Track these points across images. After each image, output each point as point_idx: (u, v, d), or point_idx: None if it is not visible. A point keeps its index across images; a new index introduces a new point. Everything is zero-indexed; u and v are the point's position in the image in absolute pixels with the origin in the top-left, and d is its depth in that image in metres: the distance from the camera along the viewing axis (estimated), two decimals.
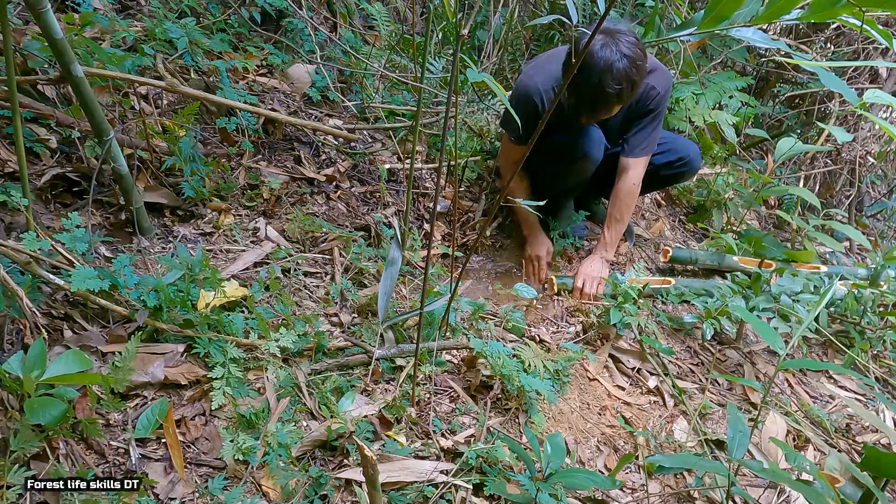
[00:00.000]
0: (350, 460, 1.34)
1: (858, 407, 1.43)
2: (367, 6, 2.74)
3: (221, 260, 1.78)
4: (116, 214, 1.72)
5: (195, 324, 1.46)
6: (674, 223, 2.94)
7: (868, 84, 3.31)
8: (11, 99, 1.33)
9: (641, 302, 2.07)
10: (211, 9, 2.37)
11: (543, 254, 2.21)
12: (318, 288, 1.83)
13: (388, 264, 1.47)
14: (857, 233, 2.60)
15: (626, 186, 2.15)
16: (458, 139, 2.50)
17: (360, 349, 1.58)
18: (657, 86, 2.01)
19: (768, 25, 3.23)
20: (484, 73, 1.03)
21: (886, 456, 1.10)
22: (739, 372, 2.08)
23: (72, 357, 1.14)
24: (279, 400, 1.42)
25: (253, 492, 1.26)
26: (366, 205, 2.22)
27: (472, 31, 2.98)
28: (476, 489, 1.34)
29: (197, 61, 2.11)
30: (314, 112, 2.40)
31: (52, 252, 1.43)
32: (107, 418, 1.28)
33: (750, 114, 3.14)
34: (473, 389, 1.64)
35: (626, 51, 1.73)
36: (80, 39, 1.74)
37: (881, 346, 2.30)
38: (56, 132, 1.75)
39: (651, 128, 2.09)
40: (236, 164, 2.05)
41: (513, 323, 1.89)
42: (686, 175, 2.34)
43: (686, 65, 2.97)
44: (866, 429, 1.99)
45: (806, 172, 3.40)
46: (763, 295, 2.09)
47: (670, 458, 1.26)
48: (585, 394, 1.79)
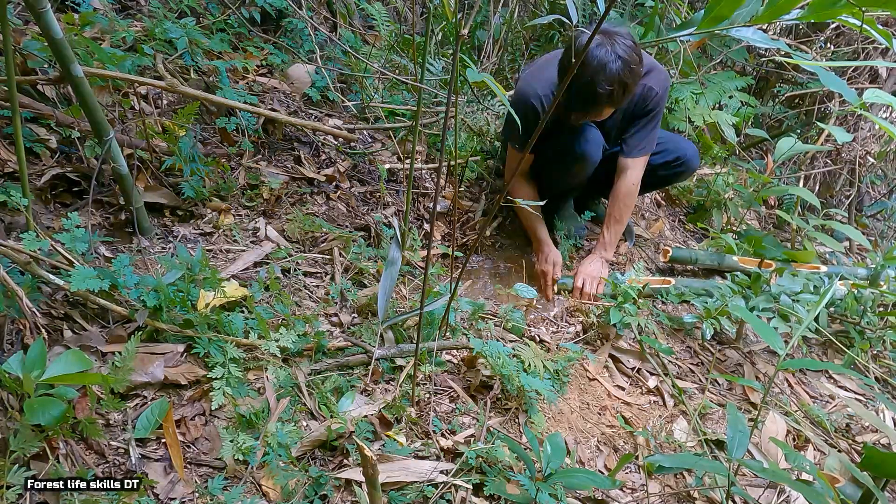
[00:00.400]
0: (350, 460, 1.34)
1: (858, 407, 1.43)
2: (367, 6, 2.74)
3: (221, 260, 1.78)
4: (116, 214, 1.72)
5: (195, 324, 1.46)
6: (674, 223, 2.94)
7: (868, 84, 3.30)
8: (11, 99, 1.33)
9: (641, 302, 2.07)
10: (211, 9, 2.37)
11: (551, 268, 2.18)
12: (318, 288, 1.83)
13: (388, 264, 1.47)
14: (857, 233, 2.60)
15: (625, 187, 2.15)
16: (458, 139, 2.51)
17: (360, 349, 1.58)
18: (655, 86, 2.01)
19: (768, 25, 3.23)
20: (484, 73, 1.03)
21: (886, 456, 1.10)
22: (739, 372, 2.08)
23: (72, 357, 1.14)
24: (279, 400, 1.42)
25: (253, 492, 1.25)
26: (366, 205, 2.22)
27: (472, 31, 2.98)
28: (476, 489, 1.34)
29: (197, 61, 2.11)
30: (314, 112, 2.40)
31: (52, 252, 1.43)
32: (107, 418, 1.28)
33: (750, 114, 3.14)
34: (473, 389, 1.64)
35: (622, 53, 1.72)
36: (80, 39, 1.74)
37: (881, 346, 2.30)
38: (56, 132, 1.75)
39: (649, 128, 2.09)
40: (236, 164, 2.05)
41: (513, 323, 1.89)
42: (684, 175, 2.34)
43: (686, 65, 2.97)
44: (866, 429, 1.99)
45: (806, 172, 3.40)
46: (763, 295, 2.09)
47: (670, 458, 1.26)
48: (585, 394, 1.79)
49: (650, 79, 2.00)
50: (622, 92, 1.77)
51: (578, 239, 2.37)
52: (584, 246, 2.39)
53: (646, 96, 2.02)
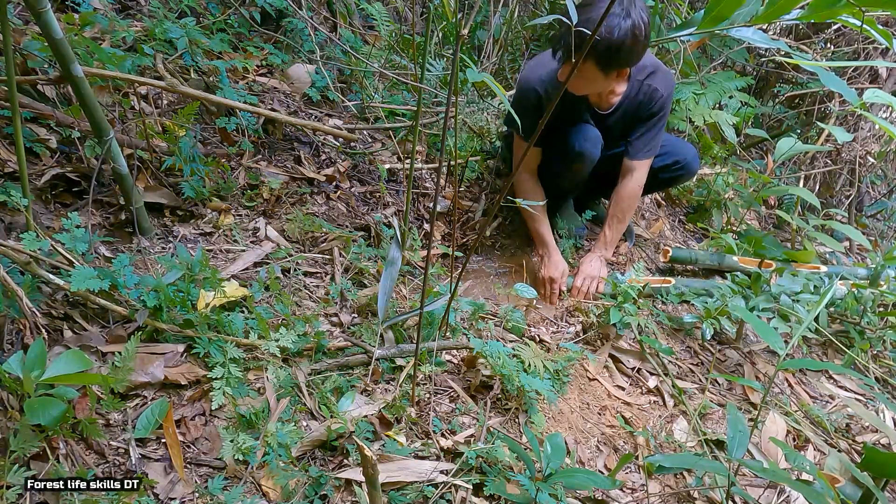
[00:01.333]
0: (350, 460, 1.34)
1: (858, 407, 1.43)
2: (367, 6, 2.74)
3: (221, 260, 1.78)
4: (116, 214, 1.72)
5: (195, 324, 1.46)
6: (674, 223, 2.94)
7: (868, 84, 3.31)
8: (11, 99, 1.33)
9: (641, 302, 2.07)
10: (211, 9, 2.37)
11: (558, 276, 2.14)
12: (318, 288, 1.83)
13: (388, 264, 1.48)
14: (857, 233, 2.60)
15: (629, 188, 2.15)
16: (458, 139, 2.51)
17: (360, 349, 1.58)
18: (660, 87, 2.00)
19: (768, 25, 3.23)
20: (484, 73, 1.03)
21: (886, 456, 1.10)
22: (739, 372, 2.08)
23: (72, 357, 1.14)
24: (279, 400, 1.42)
25: (253, 492, 1.26)
26: (366, 205, 2.22)
27: (472, 31, 2.98)
28: (476, 489, 1.35)
29: (197, 61, 2.11)
30: (314, 112, 2.40)
31: (52, 252, 1.43)
32: (107, 418, 1.28)
33: (750, 114, 3.14)
34: (473, 389, 1.64)
35: (634, 16, 1.64)
36: (80, 39, 1.74)
37: (881, 346, 2.30)
38: (56, 132, 1.75)
39: (655, 130, 2.08)
40: (236, 164, 2.05)
41: (513, 323, 1.89)
42: (683, 178, 2.33)
43: (686, 65, 2.97)
44: (866, 429, 1.99)
45: (806, 172, 3.40)
46: (763, 295, 2.09)
47: (670, 458, 1.26)
48: (585, 394, 1.79)
49: (656, 80, 2.00)
50: (617, 52, 1.68)
51: (578, 239, 2.37)
52: (583, 246, 2.39)
53: (651, 97, 2.01)
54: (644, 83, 2.00)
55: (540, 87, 1.95)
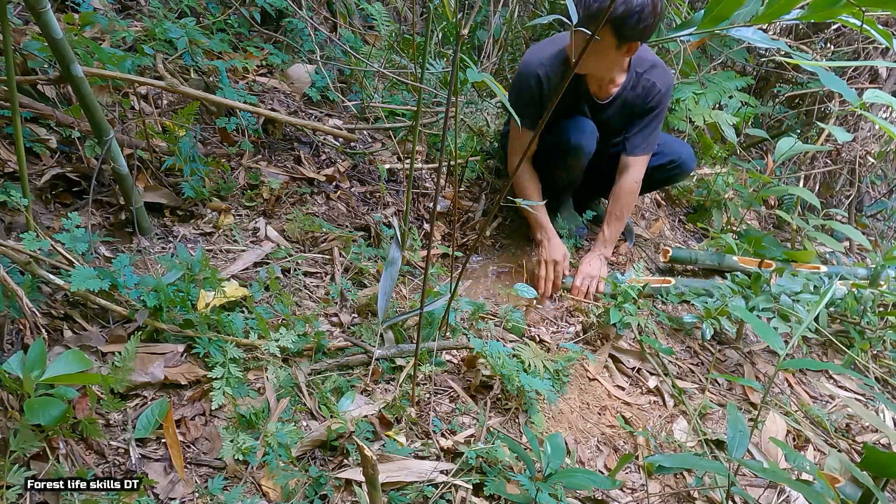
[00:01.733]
0: (350, 460, 1.34)
1: (858, 407, 1.43)
2: (367, 6, 2.74)
3: (221, 260, 1.78)
4: (116, 214, 1.72)
5: (195, 324, 1.46)
6: (674, 223, 2.94)
7: (868, 84, 3.31)
8: (11, 99, 1.33)
9: (641, 302, 2.07)
10: (211, 9, 2.37)
11: (560, 258, 2.11)
12: (318, 288, 1.83)
13: (388, 264, 1.48)
14: (857, 233, 2.60)
15: (627, 185, 2.15)
16: (458, 139, 2.50)
17: (360, 349, 1.58)
18: (658, 82, 2.00)
19: (768, 25, 3.23)
20: (484, 73, 1.03)
21: (886, 456, 1.10)
22: (739, 372, 2.08)
23: (72, 357, 1.14)
24: (279, 400, 1.42)
25: (253, 492, 1.26)
26: (366, 205, 2.22)
27: (472, 31, 2.98)
28: (476, 489, 1.34)
29: (197, 61, 2.11)
30: (314, 112, 2.40)
31: (52, 252, 1.43)
32: (107, 418, 1.28)
33: (750, 114, 3.14)
34: (473, 389, 1.64)
35: None
36: (80, 39, 1.74)
37: (881, 346, 2.30)
38: (56, 132, 1.75)
39: (652, 126, 2.08)
40: (236, 164, 2.05)
41: (513, 323, 1.89)
42: (679, 177, 2.33)
43: (686, 65, 2.97)
44: (866, 429, 1.99)
45: (806, 172, 3.40)
46: (763, 295, 2.09)
47: (670, 458, 1.26)
48: (585, 394, 1.79)
49: (654, 74, 1.99)
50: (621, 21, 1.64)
51: (578, 238, 2.36)
52: (584, 246, 2.39)
53: (649, 91, 2.01)
54: (643, 76, 2.00)
55: (541, 69, 1.94)
